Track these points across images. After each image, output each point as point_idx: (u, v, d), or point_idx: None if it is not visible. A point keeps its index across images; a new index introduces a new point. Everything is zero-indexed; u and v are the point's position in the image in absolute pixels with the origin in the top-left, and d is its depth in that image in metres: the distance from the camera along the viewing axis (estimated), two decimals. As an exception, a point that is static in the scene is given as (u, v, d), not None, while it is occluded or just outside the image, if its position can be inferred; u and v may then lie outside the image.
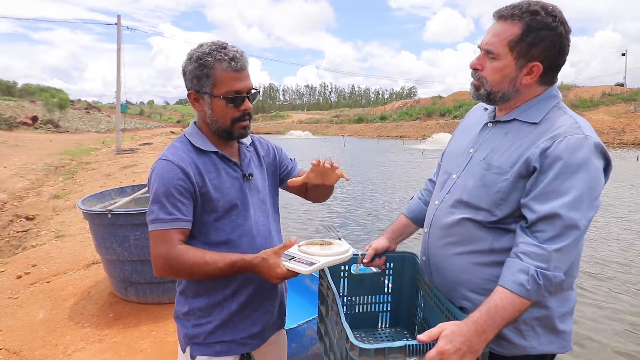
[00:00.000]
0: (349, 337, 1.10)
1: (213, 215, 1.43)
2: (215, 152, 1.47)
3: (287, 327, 2.51)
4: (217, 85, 1.39)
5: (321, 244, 1.40)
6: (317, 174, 1.47)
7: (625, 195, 11.50)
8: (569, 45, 1.28)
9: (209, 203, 1.41)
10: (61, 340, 3.25)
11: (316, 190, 1.67)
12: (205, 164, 1.44)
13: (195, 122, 1.53)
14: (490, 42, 1.30)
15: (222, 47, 1.39)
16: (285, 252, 1.33)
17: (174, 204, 1.35)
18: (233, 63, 1.38)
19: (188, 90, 1.45)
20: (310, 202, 1.79)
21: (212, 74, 1.38)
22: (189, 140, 1.47)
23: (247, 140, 1.60)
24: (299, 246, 1.39)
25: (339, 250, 1.37)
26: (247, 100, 1.44)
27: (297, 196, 1.77)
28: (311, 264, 1.28)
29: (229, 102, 1.41)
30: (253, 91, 1.46)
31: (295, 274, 1.29)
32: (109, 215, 3.43)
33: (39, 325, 3.51)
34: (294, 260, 1.30)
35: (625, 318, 4.59)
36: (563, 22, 1.25)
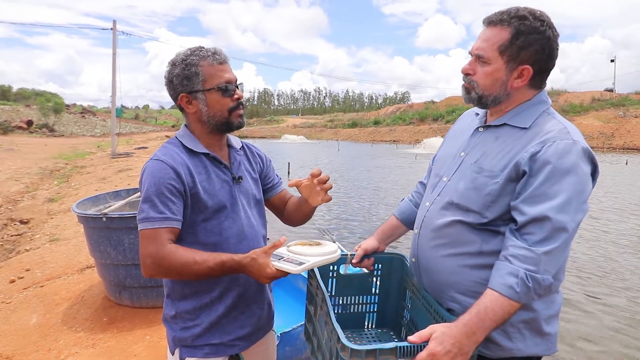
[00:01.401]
0: (341, 338, 1.10)
1: (201, 216, 1.44)
2: (206, 154, 1.49)
3: (280, 330, 2.53)
4: (208, 79, 1.43)
5: (310, 244, 1.40)
6: (308, 188, 1.52)
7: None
8: (557, 49, 1.30)
9: (198, 204, 1.42)
10: (54, 345, 3.24)
11: (295, 211, 1.69)
12: (196, 165, 1.45)
13: (186, 126, 1.54)
14: (481, 47, 1.32)
15: (200, 47, 1.46)
16: (274, 253, 1.33)
17: (165, 203, 1.36)
18: (217, 56, 1.45)
19: (178, 95, 1.46)
20: (287, 223, 1.78)
21: (200, 70, 1.43)
22: (180, 142, 1.48)
23: (237, 144, 1.62)
24: (287, 246, 1.38)
25: (328, 250, 1.37)
26: (237, 89, 1.49)
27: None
28: (300, 263, 1.27)
29: (223, 92, 1.45)
30: (239, 83, 1.50)
31: (284, 274, 1.28)
32: (104, 219, 3.43)
33: (32, 329, 3.49)
34: (283, 260, 1.29)
35: (609, 320, 4.64)
36: (551, 26, 1.28)
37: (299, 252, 1.34)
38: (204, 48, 1.45)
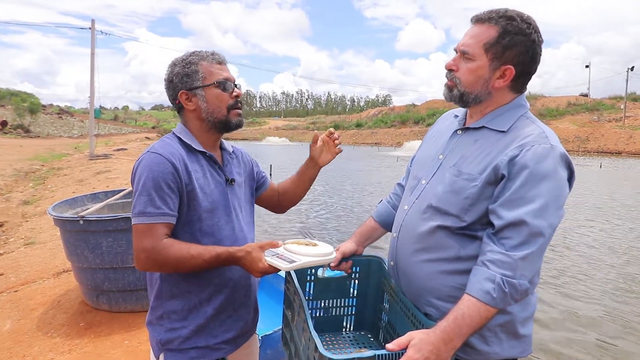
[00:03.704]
0: (318, 348, 1.09)
1: (196, 215, 1.43)
2: (202, 153, 1.49)
3: (262, 333, 2.52)
4: (207, 76, 1.48)
5: (306, 244, 1.41)
6: (320, 147, 1.74)
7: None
8: (540, 54, 1.32)
9: (193, 202, 1.42)
10: (29, 351, 3.16)
11: (296, 185, 1.82)
12: (192, 162, 1.45)
13: (182, 124, 1.54)
14: (467, 44, 1.33)
15: (199, 50, 1.53)
16: (268, 250, 1.36)
17: (163, 197, 1.35)
18: (216, 56, 1.51)
19: (178, 93, 1.49)
20: (281, 211, 1.90)
21: (200, 68, 1.47)
22: (178, 138, 1.49)
23: (229, 147, 1.64)
24: (284, 243, 1.40)
25: (322, 252, 1.38)
26: (236, 87, 1.52)
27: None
28: (292, 261, 1.29)
29: (222, 87, 1.48)
30: (237, 83, 1.54)
31: (276, 270, 1.30)
32: (81, 222, 3.37)
33: (6, 336, 3.41)
34: (276, 257, 1.31)
35: (581, 319, 4.76)
36: (537, 31, 1.30)
37: (294, 251, 1.35)
38: (202, 50, 1.52)
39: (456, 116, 1.52)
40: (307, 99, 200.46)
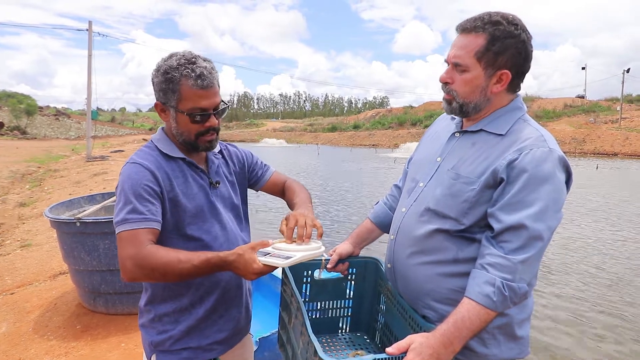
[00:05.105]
0: (318, 352, 1.09)
1: (180, 221, 1.42)
2: (182, 159, 1.47)
3: (259, 335, 2.51)
4: (183, 101, 1.39)
5: (294, 241, 1.38)
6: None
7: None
8: (532, 51, 1.32)
9: (176, 208, 1.41)
10: (25, 354, 3.15)
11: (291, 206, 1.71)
12: (172, 169, 1.44)
13: (163, 129, 1.53)
14: (458, 55, 1.32)
15: (190, 62, 1.37)
16: (259, 250, 1.31)
17: (143, 204, 1.33)
18: (199, 81, 1.36)
19: (156, 100, 1.46)
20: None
21: (178, 89, 1.37)
22: (156, 146, 1.47)
23: (215, 148, 1.61)
24: (272, 242, 1.37)
25: (312, 246, 1.36)
26: (212, 117, 1.43)
27: (275, 199, 1.83)
28: (288, 257, 1.26)
29: (193, 118, 1.41)
30: (222, 107, 1.45)
31: (271, 269, 1.26)
32: (78, 224, 3.36)
33: (2, 338, 3.40)
34: (269, 256, 1.28)
35: (576, 320, 4.77)
36: (524, 29, 1.29)
37: (284, 249, 1.32)
38: (193, 65, 1.36)
39: (453, 117, 1.52)
40: (304, 101, 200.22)
